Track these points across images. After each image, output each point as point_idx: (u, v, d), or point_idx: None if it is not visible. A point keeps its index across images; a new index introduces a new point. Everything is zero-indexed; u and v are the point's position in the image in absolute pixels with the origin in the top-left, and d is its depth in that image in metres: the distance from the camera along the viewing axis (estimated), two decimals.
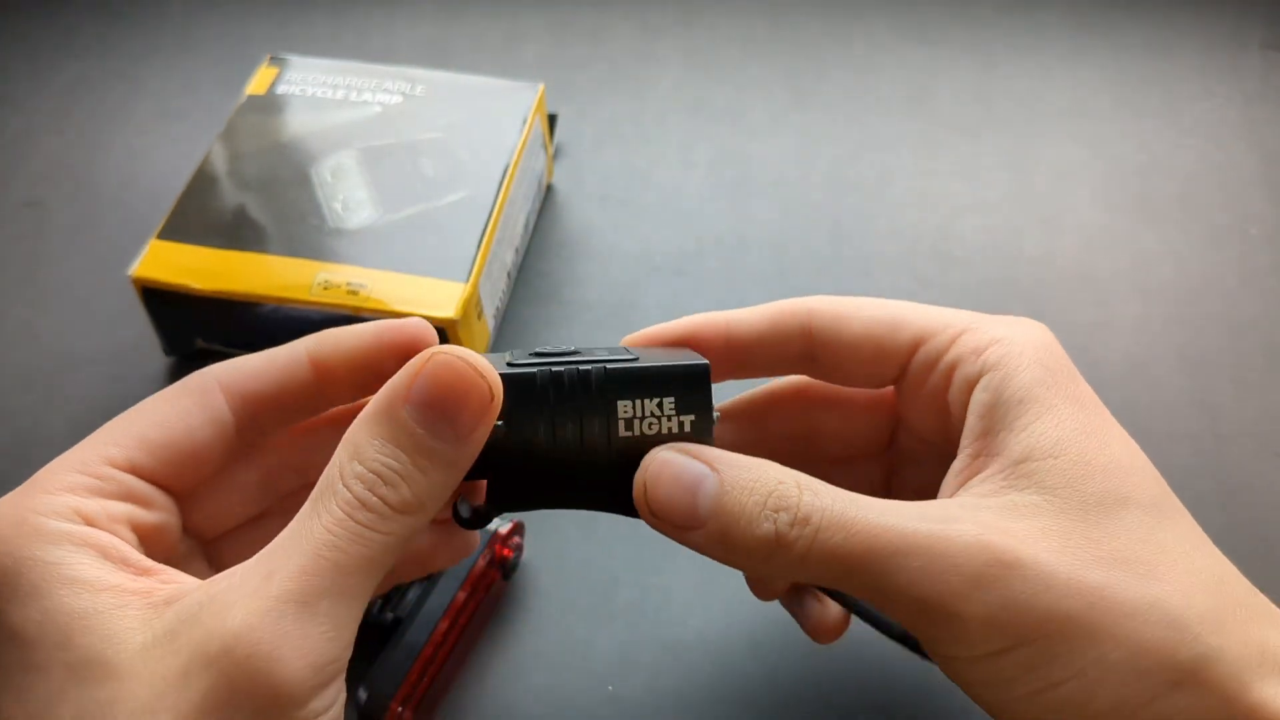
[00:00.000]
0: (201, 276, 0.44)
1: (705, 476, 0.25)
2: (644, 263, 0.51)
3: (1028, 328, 0.28)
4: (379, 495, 0.23)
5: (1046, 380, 0.27)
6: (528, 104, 0.50)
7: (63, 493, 0.25)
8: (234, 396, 0.28)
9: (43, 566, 0.23)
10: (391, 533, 0.23)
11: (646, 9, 0.63)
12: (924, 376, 0.29)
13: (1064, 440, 0.26)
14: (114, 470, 0.26)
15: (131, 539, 0.25)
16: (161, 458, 0.27)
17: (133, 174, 0.55)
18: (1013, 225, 0.52)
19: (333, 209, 0.46)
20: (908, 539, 0.24)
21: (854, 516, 0.24)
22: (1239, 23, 0.61)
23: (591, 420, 0.26)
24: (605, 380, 0.26)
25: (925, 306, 0.30)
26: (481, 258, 0.44)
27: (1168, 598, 0.24)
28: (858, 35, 0.61)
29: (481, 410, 0.24)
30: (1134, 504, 0.25)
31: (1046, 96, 0.58)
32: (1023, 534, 0.24)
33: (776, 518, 0.24)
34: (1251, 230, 0.52)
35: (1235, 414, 0.45)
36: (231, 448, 0.28)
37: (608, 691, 0.38)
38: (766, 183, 0.54)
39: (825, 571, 0.25)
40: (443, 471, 0.24)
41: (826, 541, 0.24)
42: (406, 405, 0.24)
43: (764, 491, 0.25)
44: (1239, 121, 0.56)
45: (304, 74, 0.51)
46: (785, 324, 0.30)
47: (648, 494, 0.25)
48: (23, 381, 0.47)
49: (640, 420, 0.26)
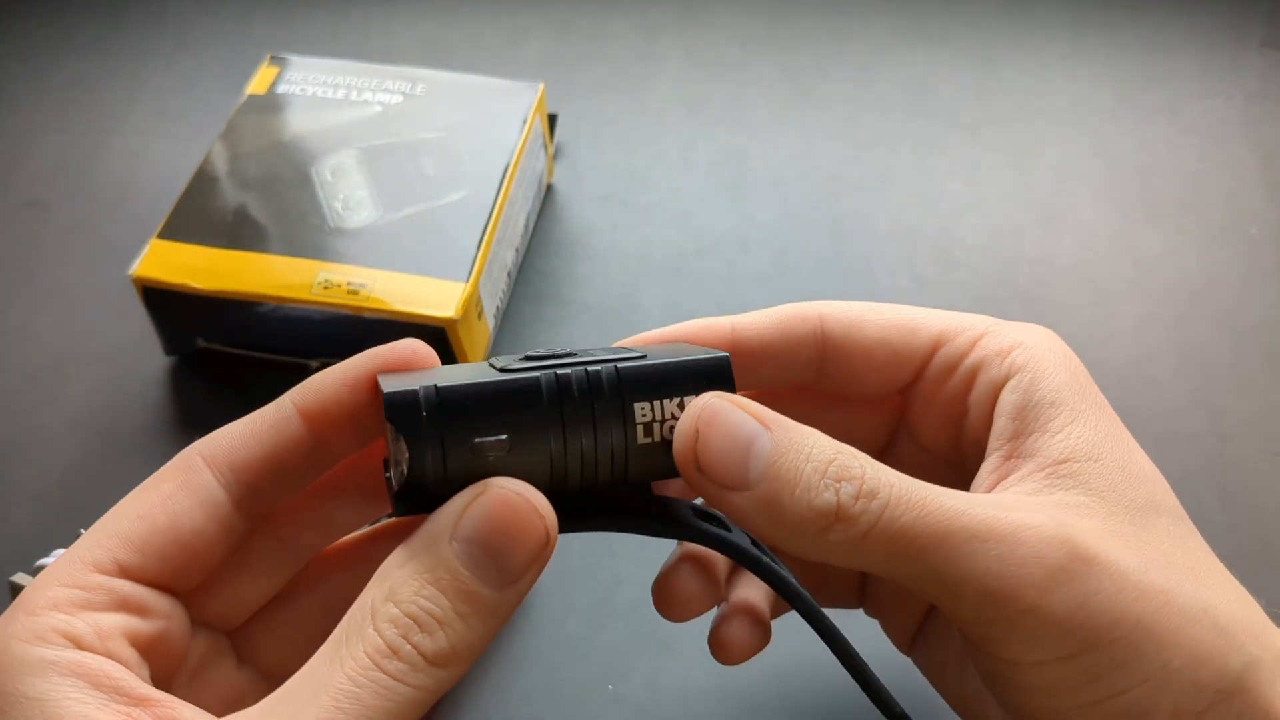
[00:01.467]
0: (202, 276, 0.44)
1: (760, 434, 0.23)
2: (644, 263, 0.51)
3: (1045, 334, 0.28)
4: (413, 643, 0.21)
5: (1073, 385, 0.26)
6: (528, 104, 0.50)
7: (47, 611, 0.22)
8: (222, 470, 0.25)
9: (26, 704, 0.21)
10: (422, 687, 0.21)
11: (646, 8, 0.63)
12: (942, 380, 0.28)
13: (1099, 445, 0.25)
14: (101, 577, 0.23)
15: (130, 655, 0.23)
16: (151, 553, 0.24)
17: (133, 174, 0.55)
18: (1013, 225, 0.52)
19: (333, 209, 0.46)
20: (987, 524, 0.22)
21: (924, 496, 0.23)
22: (1239, 22, 0.61)
23: (606, 428, 0.23)
24: (618, 381, 0.23)
25: (937, 311, 0.29)
26: (482, 257, 0.44)
27: (1216, 605, 0.24)
28: (858, 34, 0.61)
29: (535, 555, 0.22)
30: (1166, 512, 0.25)
31: (1046, 96, 0.58)
32: (1092, 531, 0.23)
33: (840, 488, 0.22)
34: (1252, 230, 0.52)
35: (1235, 414, 0.45)
36: (232, 527, 0.25)
37: (608, 691, 0.38)
38: (766, 183, 0.54)
39: (887, 553, 0.23)
40: (484, 620, 0.21)
41: (896, 520, 0.22)
42: (454, 542, 0.21)
43: (824, 459, 0.23)
44: (1239, 121, 0.56)
45: (304, 74, 0.51)
46: (795, 329, 0.29)
47: (699, 446, 0.23)
48: (23, 381, 0.47)
49: (660, 424, 0.23)
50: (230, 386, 0.47)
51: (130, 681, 0.22)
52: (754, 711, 0.37)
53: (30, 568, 0.39)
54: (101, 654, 0.22)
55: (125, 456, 0.45)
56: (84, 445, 0.45)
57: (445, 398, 0.22)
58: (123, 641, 0.23)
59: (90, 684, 0.21)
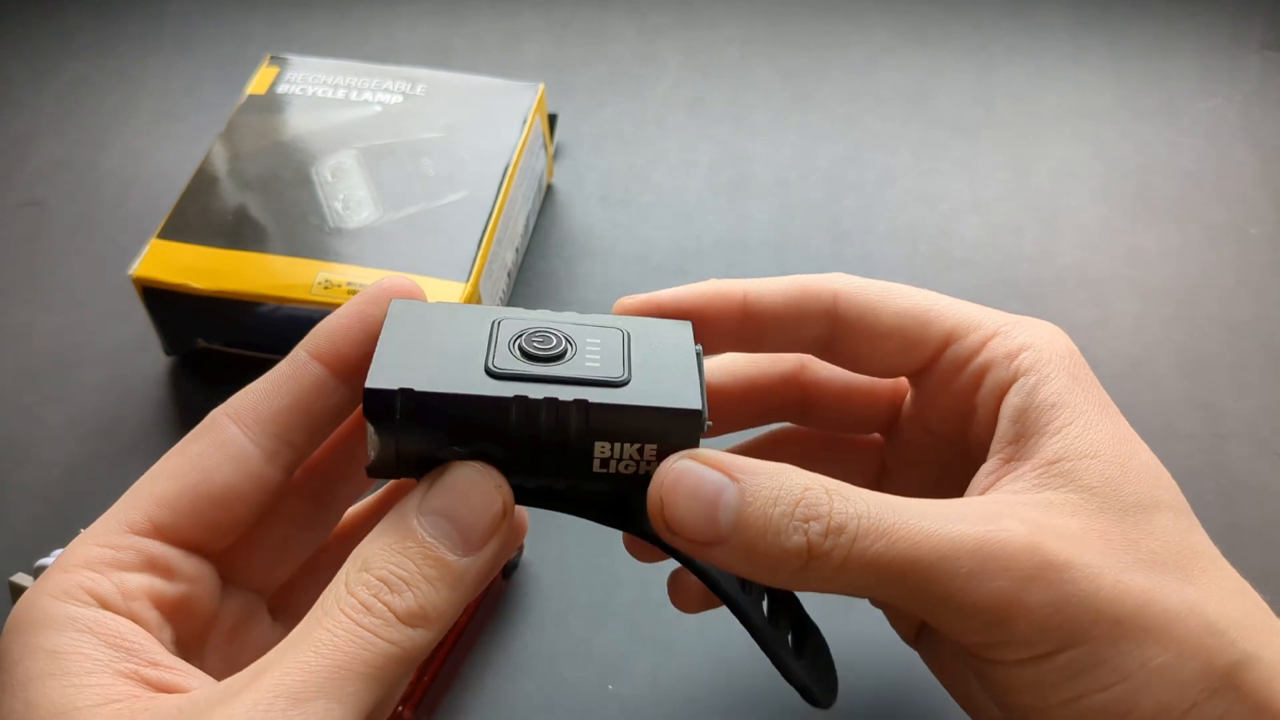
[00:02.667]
0: (202, 276, 0.44)
1: (725, 487, 0.23)
2: (644, 263, 0.51)
3: (1054, 334, 0.28)
4: (384, 601, 0.22)
5: (1075, 387, 0.26)
6: (528, 104, 0.50)
7: (79, 569, 0.23)
8: (248, 425, 0.25)
9: (41, 656, 0.22)
10: (395, 642, 0.22)
11: (646, 9, 0.63)
12: (951, 376, 0.29)
13: (1098, 443, 0.25)
14: (134, 537, 0.24)
15: (151, 616, 0.24)
16: (184, 510, 0.24)
17: (133, 174, 0.55)
18: (1013, 225, 0.52)
19: (333, 209, 0.46)
20: (954, 542, 0.23)
21: (892, 522, 0.23)
22: (1239, 23, 0.61)
23: (562, 460, 0.24)
24: (583, 421, 0.24)
25: (953, 301, 0.29)
26: (482, 257, 0.44)
27: (1204, 602, 0.24)
28: (858, 36, 0.61)
29: (494, 524, 0.24)
30: (1166, 508, 0.25)
31: (1046, 97, 0.58)
32: (1068, 533, 0.24)
33: (808, 528, 0.23)
34: (1251, 230, 0.52)
35: (1235, 414, 0.45)
36: (263, 481, 0.25)
37: (608, 691, 0.38)
38: (766, 183, 0.54)
39: (864, 581, 0.23)
40: (450, 585, 0.23)
41: (865, 550, 0.23)
42: (418, 515, 0.23)
43: (790, 500, 0.23)
44: (1239, 121, 0.56)
45: (304, 74, 0.51)
46: (808, 304, 0.29)
47: (664, 510, 0.24)
48: (23, 381, 0.47)
49: (617, 461, 0.24)
50: (230, 386, 0.46)
51: (144, 643, 0.23)
52: (754, 711, 0.37)
53: (30, 568, 0.39)
54: (124, 614, 0.23)
55: (125, 456, 0.45)
56: (84, 445, 0.45)
57: (417, 403, 0.24)
58: (146, 603, 0.23)
59: (104, 642, 0.22)
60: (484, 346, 0.25)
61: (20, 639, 0.22)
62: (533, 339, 0.25)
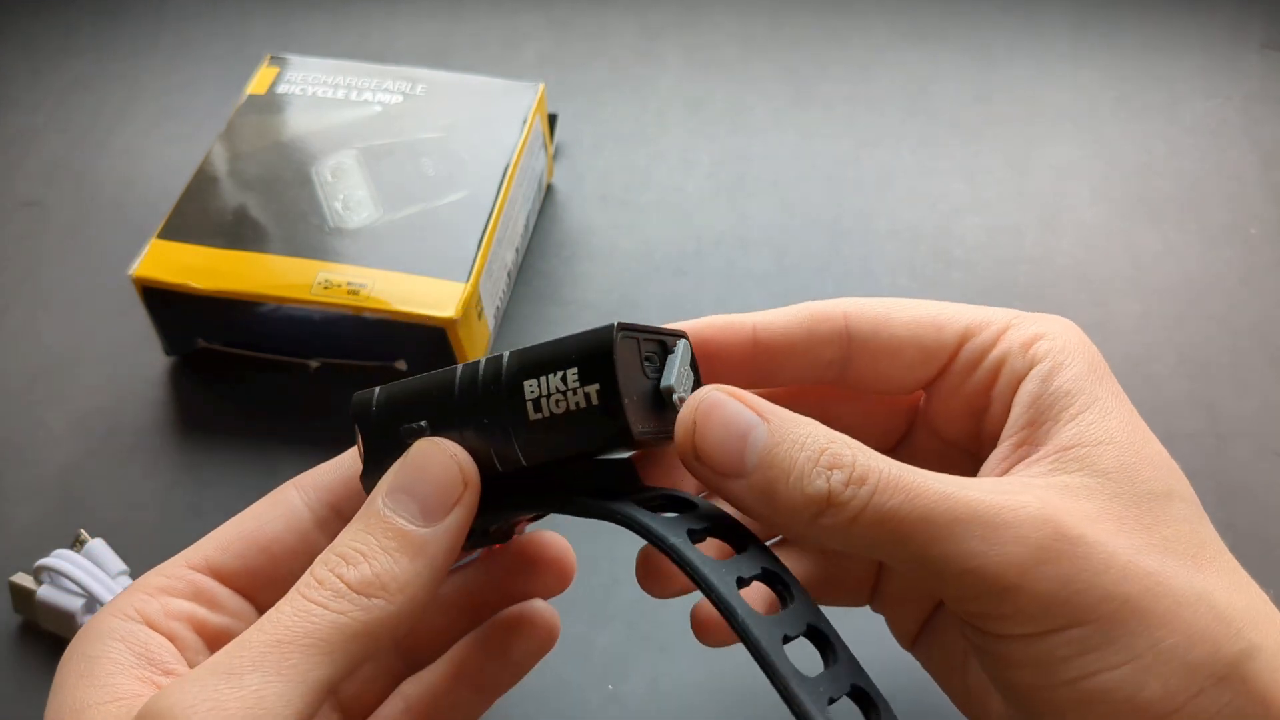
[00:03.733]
0: (202, 276, 0.44)
1: (755, 425, 0.24)
2: (644, 263, 0.51)
3: (1067, 325, 0.28)
4: (337, 574, 0.23)
5: (1091, 375, 0.27)
6: (528, 104, 0.50)
7: (137, 593, 0.26)
8: (307, 491, 0.28)
9: (81, 660, 0.24)
10: (343, 612, 0.22)
11: (647, 8, 0.63)
12: (967, 374, 0.29)
13: (1112, 430, 0.26)
14: (189, 571, 0.26)
15: (189, 637, 0.25)
16: (234, 553, 0.27)
17: (133, 174, 0.55)
18: (1013, 225, 0.52)
19: (333, 209, 0.46)
20: (971, 506, 0.23)
21: (912, 480, 0.23)
22: (1239, 23, 0.61)
23: (500, 408, 0.24)
24: (513, 364, 0.24)
25: (961, 305, 0.29)
26: (482, 257, 0.44)
27: (1214, 591, 0.24)
28: (858, 35, 0.61)
29: (452, 492, 0.24)
30: (1179, 497, 0.25)
31: (1046, 96, 0.58)
32: (1083, 512, 0.24)
33: (830, 475, 0.23)
34: (1251, 230, 0.52)
35: (1235, 414, 0.45)
36: (309, 538, 0.27)
37: (608, 691, 0.38)
38: (766, 183, 0.54)
39: (875, 536, 0.23)
40: (411, 555, 0.23)
41: (883, 504, 0.23)
42: (381, 496, 0.24)
43: (816, 448, 0.24)
44: (1239, 121, 0.56)
45: (304, 74, 0.51)
46: (820, 329, 0.29)
47: (695, 435, 0.24)
48: (23, 381, 0.47)
49: (547, 399, 0.24)
50: (230, 386, 0.47)
51: (166, 655, 0.24)
52: (753, 712, 0.37)
53: (30, 568, 0.39)
54: (163, 631, 0.25)
55: (125, 456, 0.45)
56: (84, 445, 0.45)
57: (387, 394, 0.26)
58: (185, 625, 0.25)
59: (131, 651, 0.24)
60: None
61: (76, 647, 0.25)
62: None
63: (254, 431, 0.45)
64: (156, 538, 0.41)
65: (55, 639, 0.39)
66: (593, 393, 0.24)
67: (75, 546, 0.39)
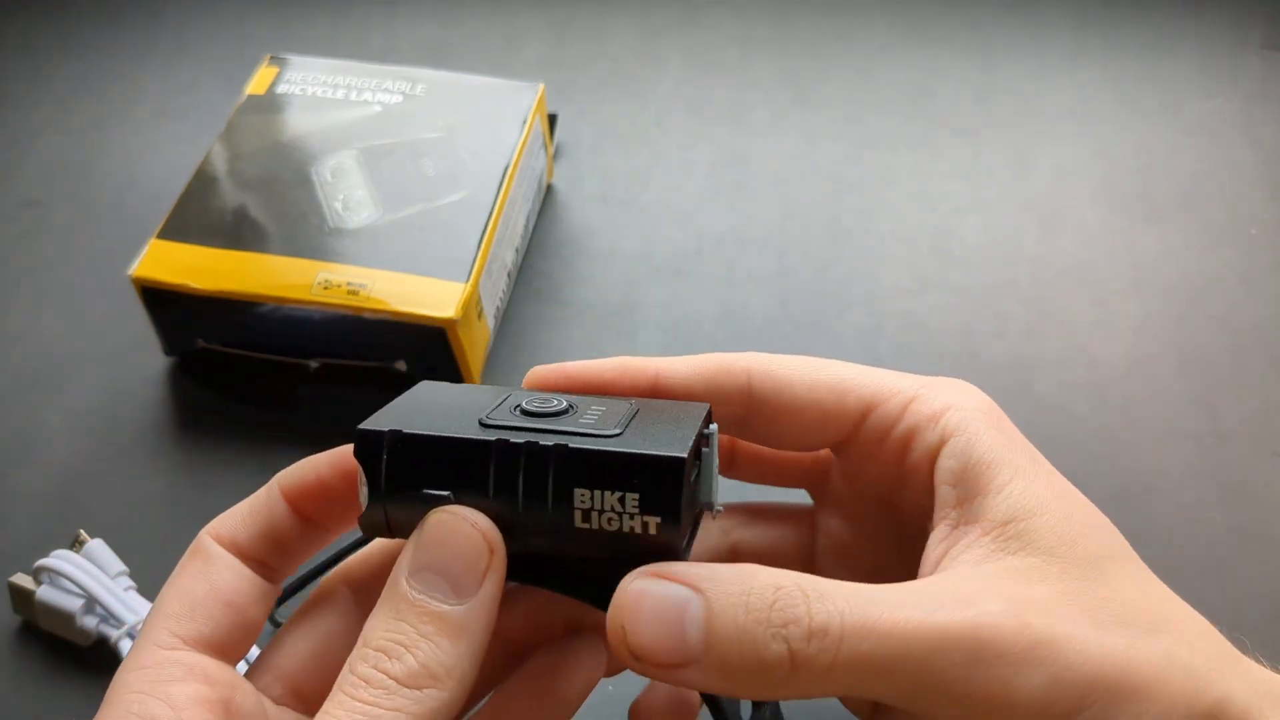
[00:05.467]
0: (201, 276, 0.44)
1: (689, 600, 0.22)
2: (644, 263, 0.51)
3: (972, 392, 0.28)
4: (383, 670, 0.22)
5: (1004, 441, 0.26)
6: (528, 104, 0.50)
7: (125, 696, 0.24)
8: (228, 547, 0.26)
9: None
10: (401, 709, 0.22)
11: (647, 9, 0.63)
12: (877, 443, 0.28)
13: (1040, 498, 0.25)
14: (166, 653, 0.25)
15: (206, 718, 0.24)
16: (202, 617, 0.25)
17: (133, 174, 0.55)
18: (1013, 225, 0.52)
19: (333, 209, 0.46)
20: (945, 633, 0.22)
21: (877, 616, 0.22)
22: (1239, 23, 0.61)
23: (545, 508, 0.23)
24: (565, 461, 0.23)
25: (866, 370, 0.29)
26: (482, 257, 0.44)
27: (1177, 648, 0.24)
28: (858, 35, 0.61)
29: (480, 563, 0.23)
30: (1120, 558, 0.25)
31: (1046, 96, 0.58)
32: (1045, 603, 0.24)
33: (787, 633, 0.22)
34: (1252, 230, 0.52)
35: (1235, 414, 0.45)
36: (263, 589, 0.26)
37: (608, 691, 0.38)
38: (766, 183, 0.54)
39: (856, 681, 0.22)
40: (452, 636, 0.22)
41: (854, 650, 0.22)
42: (406, 578, 0.23)
43: (763, 604, 0.22)
44: (1239, 121, 0.56)
45: (304, 74, 0.51)
46: (721, 383, 0.28)
47: (628, 638, 0.22)
48: (22, 382, 0.47)
49: (599, 514, 0.23)
50: (230, 386, 0.47)
51: None
52: None
53: (30, 568, 0.39)
54: None
55: (125, 456, 0.45)
56: (84, 445, 0.45)
57: (406, 445, 0.23)
58: (198, 709, 0.24)
59: None
60: (487, 408, 0.25)
61: None
62: (534, 400, 0.25)
63: (254, 431, 0.45)
64: (156, 538, 0.41)
65: (54, 639, 0.39)
66: (652, 524, 0.22)
67: (75, 547, 0.39)
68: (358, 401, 0.31)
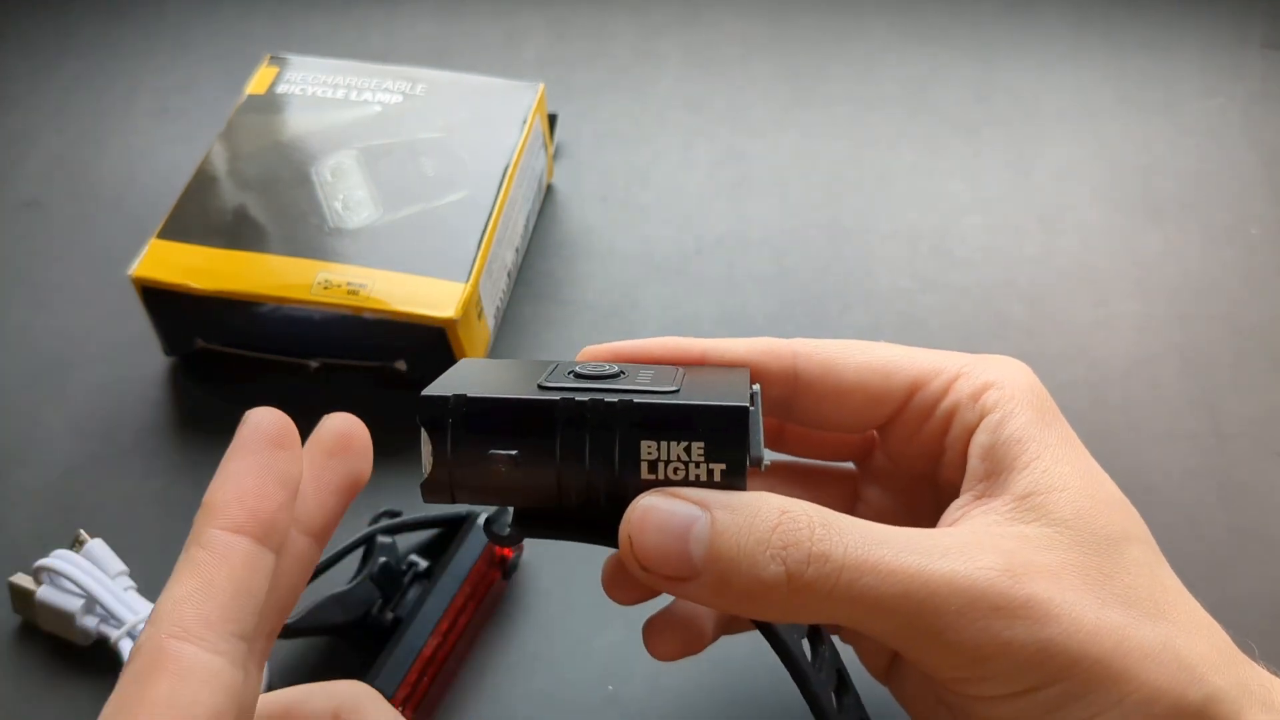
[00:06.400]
0: (201, 276, 0.44)
1: (695, 519, 0.23)
2: (644, 263, 0.51)
3: (1016, 370, 0.28)
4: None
5: (1039, 421, 0.27)
6: (528, 104, 0.50)
7: None
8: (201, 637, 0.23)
9: None
10: None
11: (647, 8, 0.63)
12: (920, 422, 0.29)
13: (1066, 476, 0.26)
14: None
15: None
16: None
17: (133, 174, 0.55)
18: (1013, 225, 0.52)
19: (333, 208, 0.46)
20: (943, 580, 0.23)
21: (880, 556, 0.23)
22: (1239, 22, 0.61)
23: (611, 460, 0.24)
24: (631, 415, 0.23)
25: (913, 350, 0.29)
26: (482, 257, 0.44)
27: (1175, 638, 0.24)
28: (858, 35, 0.61)
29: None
30: (1136, 540, 0.26)
31: (1046, 96, 0.58)
32: (1048, 568, 0.24)
33: (785, 555, 0.23)
34: (1252, 230, 0.52)
35: (1235, 414, 0.45)
36: (249, 686, 0.24)
37: (608, 691, 0.38)
38: (767, 183, 0.54)
39: (852, 613, 0.23)
40: None
41: (854, 583, 0.23)
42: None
43: (765, 527, 0.23)
44: (1240, 121, 0.56)
45: (304, 74, 0.51)
46: (769, 365, 0.28)
47: (633, 546, 0.23)
48: (23, 382, 0.47)
49: (665, 464, 0.23)
50: (230, 386, 0.47)
51: None
52: (753, 713, 0.37)
53: (30, 568, 0.39)
54: None
55: (125, 456, 0.45)
56: (84, 445, 0.45)
57: (471, 407, 0.24)
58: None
59: None
60: (540, 374, 0.25)
61: None
62: (587, 367, 0.26)
63: None
64: (156, 538, 0.41)
65: (54, 639, 0.39)
66: (718, 471, 0.23)
67: (74, 547, 0.39)
68: (358, 402, 0.31)
